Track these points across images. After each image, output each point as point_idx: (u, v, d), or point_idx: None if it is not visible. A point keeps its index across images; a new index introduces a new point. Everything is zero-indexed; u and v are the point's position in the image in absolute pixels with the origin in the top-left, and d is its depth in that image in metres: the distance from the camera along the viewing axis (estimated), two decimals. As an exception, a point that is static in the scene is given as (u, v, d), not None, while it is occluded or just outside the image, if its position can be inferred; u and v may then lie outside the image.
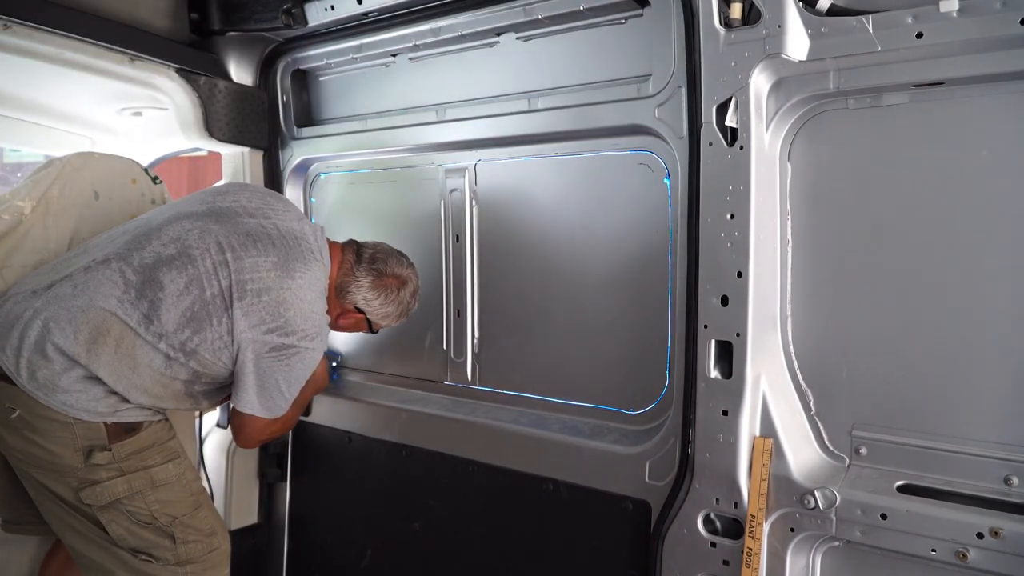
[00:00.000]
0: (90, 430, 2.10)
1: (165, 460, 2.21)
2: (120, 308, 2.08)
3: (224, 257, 2.16)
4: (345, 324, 2.50)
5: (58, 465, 2.11)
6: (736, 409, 1.96)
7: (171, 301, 2.10)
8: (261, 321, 2.14)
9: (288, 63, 3.06)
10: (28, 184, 2.52)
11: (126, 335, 2.08)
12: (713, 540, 2.02)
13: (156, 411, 2.24)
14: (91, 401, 2.09)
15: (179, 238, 2.18)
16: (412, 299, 2.52)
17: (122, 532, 2.16)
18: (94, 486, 2.11)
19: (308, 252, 2.28)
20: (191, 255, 2.15)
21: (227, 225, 2.23)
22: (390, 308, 2.46)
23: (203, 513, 2.29)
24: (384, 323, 2.52)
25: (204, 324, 2.12)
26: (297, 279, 2.20)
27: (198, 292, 2.12)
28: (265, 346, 2.15)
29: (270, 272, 2.18)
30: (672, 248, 2.20)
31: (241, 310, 2.13)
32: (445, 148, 2.75)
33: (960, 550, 1.67)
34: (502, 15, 2.42)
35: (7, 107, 3.01)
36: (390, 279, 2.44)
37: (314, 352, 2.24)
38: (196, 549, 2.24)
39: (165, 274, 2.12)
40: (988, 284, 1.74)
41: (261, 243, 2.21)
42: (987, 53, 1.65)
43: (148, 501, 2.17)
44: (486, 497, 2.59)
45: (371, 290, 2.41)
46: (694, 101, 1.99)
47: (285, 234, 2.27)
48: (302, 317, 2.19)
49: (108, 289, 2.09)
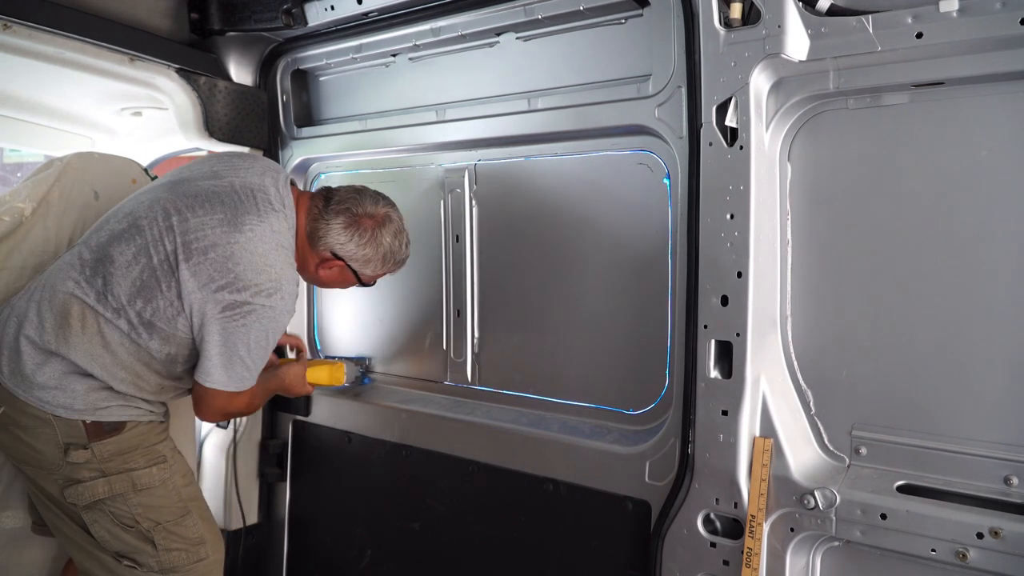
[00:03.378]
0: (70, 427, 2.09)
1: (149, 464, 2.17)
2: (77, 288, 2.09)
3: (170, 222, 2.11)
4: (327, 276, 2.36)
5: (43, 462, 2.12)
6: (736, 409, 1.96)
7: (121, 273, 2.08)
8: (210, 279, 2.06)
9: (288, 63, 3.06)
10: (28, 185, 2.52)
11: (87, 314, 2.08)
12: (713, 540, 2.02)
13: (147, 409, 2.21)
14: (69, 398, 2.08)
15: (131, 212, 2.18)
16: (395, 240, 2.34)
17: (104, 534, 2.14)
18: (77, 485, 2.11)
19: (265, 203, 2.18)
20: (139, 225, 2.13)
21: (177, 191, 2.19)
22: (368, 251, 2.29)
23: (191, 521, 2.23)
24: (369, 270, 2.36)
25: (154, 291, 2.07)
26: (246, 232, 2.11)
27: (146, 260, 2.08)
28: (218, 305, 2.06)
29: (215, 229, 2.10)
30: (672, 248, 2.20)
31: (189, 270, 2.06)
32: (445, 148, 2.75)
33: (960, 550, 1.67)
34: (502, 15, 2.42)
35: (7, 107, 3.01)
36: (364, 219, 2.28)
37: (273, 311, 2.11)
38: (180, 558, 2.19)
39: (115, 248, 2.11)
40: (988, 284, 1.74)
41: (209, 203, 2.14)
42: (987, 53, 1.65)
43: (130, 504, 2.14)
44: (486, 497, 2.59)
45: (343, 231, 2.26)
46: (694, 101, 1.99)
47: (239, 189, 2.19)
48: (253, 271, 2.08)
49: (66, 272, 2.12)
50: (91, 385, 2.10)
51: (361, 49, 2.80)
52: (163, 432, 2.28)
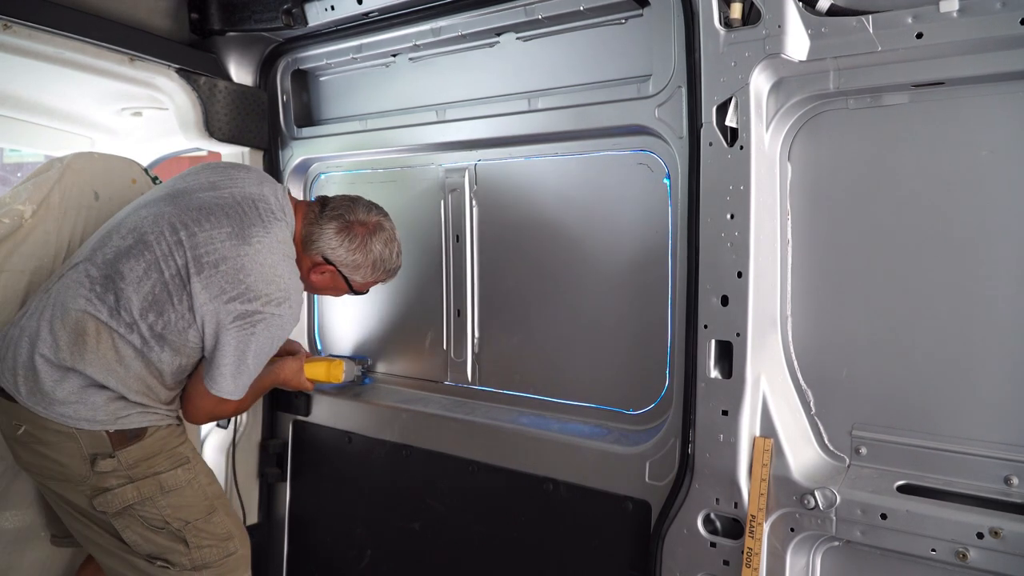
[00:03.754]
0: (94, 439, 2.12)
1: (174, 466, 2.22)
2: (90, 305, 2.10)
3: (178, 237, 2.15)
4: (319, 281, 2.40)
5: (69, 475, 2.14)
6: (736, 409, 1.96)
7: (132, 289, 2.11)
8: (222, 291, 2.11)
9: (288, 63, 3.06)
10: (28, 187, 2.52)
11: (101, 330, 2.10)
12: (713, 540, 2.02)
13: (164, 413, 2.24)
14: (90, 411, 2.11)
15: (136, 227, 2.19)
16: (385, 248, 2.39)
17: (136, 538, 2.17)
18: (105, 493, 2.13)
19: (268, 213, 2.24)
20: (147, 241, 2.15)
21: (179, 204, 2.22)
22: (358, 256, 2.34)
23: (218, 517, 2.29)
24: (359, 277, 2.40)
25: (166, 305, 2.11)
26: (255, 244, 2.16)
27: (157, 275, 2.12)
28: (229, 315, 2.11)
29: (224, 243, 2.14)
30: (672, 248, 2.20)
31: (200, 283, 2.11)
32: (445, 148, 2.75)
33: (960, 550, 1.67)
34: (502, 15, 2.42)
35: (7, 107, 3.02)
36: (356, 226, 2.33)
37: (281, 319, 2.17)
38: (211, 554, 2.24)
39: (124, 264, 2.13)
40: (988, 284, 1.74)
41: (215, 216, 2.18)
42: (987, 53, 1.65)
43: (159, 506, 2.18)
44: (486, 497, 2.59)
45: (335, 236, 2.31)
46: (694, 101, 1.99)
47: (241, 200, 2.24)
48: (264, 281, 2.14)
49: (76, 290, 2.13)
50: (109, 396, 2.13)
51: (361, 49, 2.80)
52: (182, 435, 2.32)
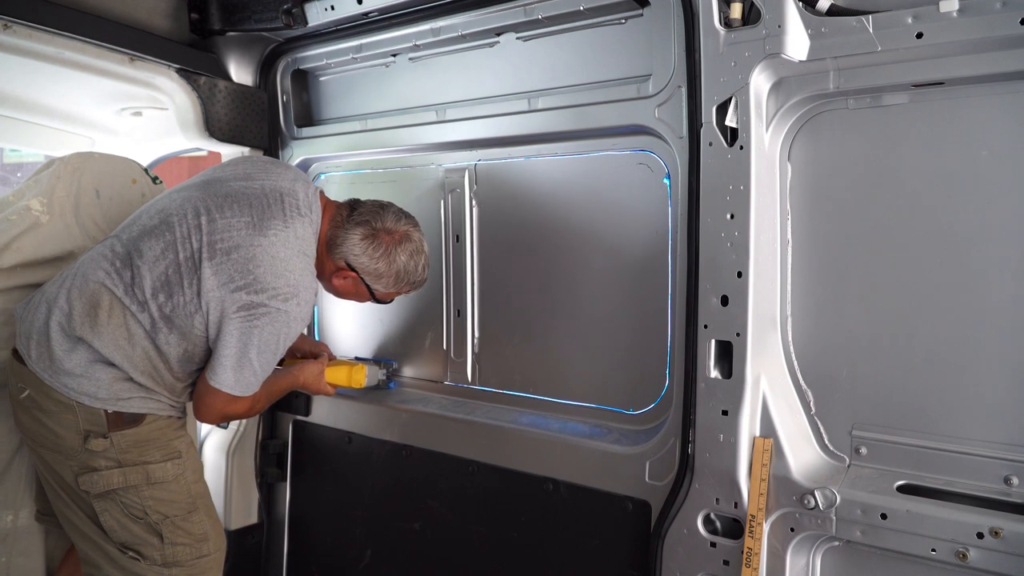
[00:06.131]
0: (92, 415, 2.12)
1: (165, 458, 2.21)
2: (108, 279, 2.12)
3: (199, 221, 2.15)
4: (341, 286, 2.37)
5: (62, 446, 2.14)
6: (736, 409, 1.96)
7: (148, 267, 2.12)
8: (230, 279, 2.09)
9: (288, 63, 3.06)
10: (31, 185, 2.53)
11: (115, 305, 2.11)
12: (713, 540, 2.02)
13: (168, 403, 2.23)
14: (94, 386, 2.11)
15: (163, 209, 2.21)
16: (411, 260, 2.33)
17: (113, 524, 2.16)
18: (92, 473, 2.13)
19: (292, 208, 2.22)
20: (170, 222, 2.17)
21: (209, 190, 2.23)
22: (381, 265, 2.29)
23: (197, 517, 2.27)
24: (380, 286, 2.35)
25: (176, 288, 2.11)
26: (270, 236, 2.14)
27: (172, 256, 2.13)
28: (233, 304, 2.09)
29: (241, 231, 2.13)
30: (672, 248, 2.20)
31: (210, 269, 2.10)
32: (445, 148, 2.75)
33: (960, 550, 1.67)
34: (502, 15, 2.42)
35: (7, 107, 3.02)
36: (383, 234, 2.28)
37: (287, 315, 2.12)
38: (184, 552, 2.22)
39: (145, 243, 2.15)
40: (988, 284, 1.75)
41: (238, 204, 2.18)
42: (987, 53, 1.65)
43: (142, 496, 2.17)
44: (486, 497, 2.59)
45: (359, 243, 2.27)
46: (694, 101, 1.99)
47: (268, 192, 2.23)
48: (272, 274, 2.11)
49: (98, 263, 2.16)
50: (115, 375, 2.13)
51: (361, 49, 2.80)
52: (181, 428, 2.31)
